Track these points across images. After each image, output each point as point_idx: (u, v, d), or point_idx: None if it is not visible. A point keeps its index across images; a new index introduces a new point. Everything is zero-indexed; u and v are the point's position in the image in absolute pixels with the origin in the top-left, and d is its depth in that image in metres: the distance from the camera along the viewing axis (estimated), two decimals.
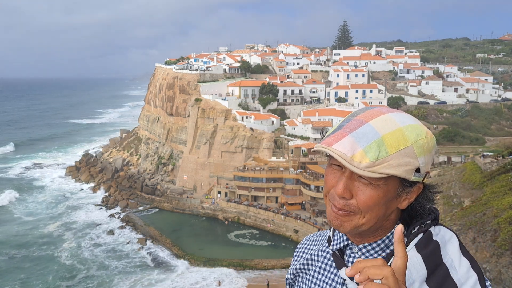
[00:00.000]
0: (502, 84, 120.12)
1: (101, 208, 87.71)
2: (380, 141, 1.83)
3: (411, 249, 1.90)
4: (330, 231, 2.29)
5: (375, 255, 2.04)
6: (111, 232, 74.49)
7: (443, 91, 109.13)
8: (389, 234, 2.05)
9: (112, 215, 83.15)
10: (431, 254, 1.89)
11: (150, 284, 57.17)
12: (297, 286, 2.42)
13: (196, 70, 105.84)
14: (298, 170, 79.26)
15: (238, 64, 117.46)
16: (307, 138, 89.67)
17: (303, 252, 2.47)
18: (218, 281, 57.00)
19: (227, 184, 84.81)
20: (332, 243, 2.21)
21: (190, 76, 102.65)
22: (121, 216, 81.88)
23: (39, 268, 61.15)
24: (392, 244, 1.97)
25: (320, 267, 2.29)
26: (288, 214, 74.14)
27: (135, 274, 59.97)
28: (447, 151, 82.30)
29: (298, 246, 2.57)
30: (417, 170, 1.89)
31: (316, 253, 2.36)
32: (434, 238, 1.93)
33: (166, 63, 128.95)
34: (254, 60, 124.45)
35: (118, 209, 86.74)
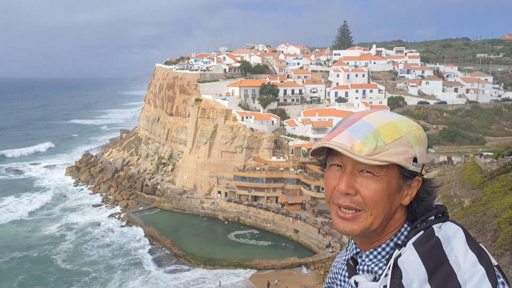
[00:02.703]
0: (502, 84, 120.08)
1: (101, 208, 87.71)
2: (376, 132, 1.91)
3: (409, 248, 1.86)
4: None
5: (382, 259, 2.03)
6: (111, 232, 74.47)
7: (443, 91, 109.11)
8: (394, 236, 2.05)
9: (112, 215, 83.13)
10: (430, 251, 1.79)
11: (150, 284, 57.15)
12: None
13: (196, 70, 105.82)
14: (298, 170, 79.23)
15: (238, 64, 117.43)
16: (307, 138, 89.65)
17: (334, 267, 2.48)
18: (219, 281, 56.98)
19: (227, 184, 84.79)
20: (346, 253, 2.24)
21: (190, 76, 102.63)
22: (121, 216, 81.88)
23: (39, 268, 61.13)
24: (396, 247, 1.96)
25: (340, 280, 2.31)
26: (288, 214, 74.13)
27: (135, 274, 59.97)
28: (447, 151, 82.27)
29: (334, 260, 2.59)
30: (414, 160, 1.95)
31: (340, 266, 2.39)
32: (436, 234, 1.86)
33: (166, 63, 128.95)
34: (254, 60, 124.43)
35: (118, 209, 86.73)
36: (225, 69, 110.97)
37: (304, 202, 76.57)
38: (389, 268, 1.89)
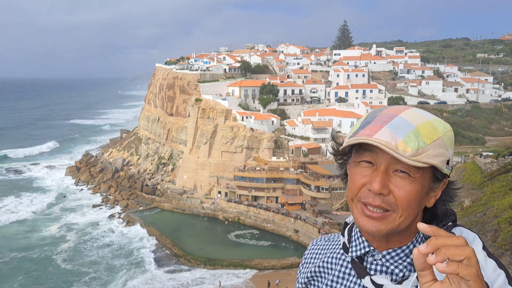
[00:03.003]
0: (502, 84, 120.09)
1: (101, 208, 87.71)
2: (416, 131, 1.82)
3: None
4: (344, 236, 2.21)
5: (400, 261, 1.98)
6: (111, 232, 74.49)
7: (443, 91, 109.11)
8: (414, 239, 1.99)
9: (112, 215, 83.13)
10: None
11: (150, 284, 57.15)
12: None
13: (196, 70, 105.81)
14: (298, 170, 79.23)
15: (238, 64, 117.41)
16: (307, 138, 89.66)
17: (313, 258, 2.37)
18: (219, 281, 56.99)
19: (227, 184, 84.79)
20: (350, 250, 2.12)
21: (190, 76, 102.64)
22: (121, 216, 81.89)
23: (39, 268, 61.14)
24: None
25: (337, 276, 2.19)
26: (288, 214, 74.13)
27: (135, 274, 59.97)
28: None
29: (306, 252, 2.48)
30: (447, 162, 1.90)
31: (329, 260, 2.26)
32: None
33: (166, 63, 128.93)
34: (254, 60, 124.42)
35: (118, 209, 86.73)
36: (225, 69, 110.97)
37: (304, 202, 76.56)
38: None
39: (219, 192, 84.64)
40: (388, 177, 1.87)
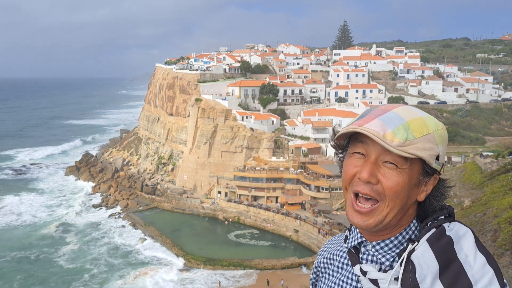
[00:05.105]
0: (502, 84, 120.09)
1: (101, 208, 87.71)
2: (406, 125, 1.94)
3: (423, 244, 1.91)
4: (347, 229, 2.33)
5: (389, 251, 2.06)
6: (111, 232, 74.46)
7: (443, 91, 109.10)
8: (403, 231, 2.08)
9: (112, 215, 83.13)
10: (443, 249, 1.87)
11: (150, 284, 57.15)
12: (318, 285, 2.46)
13: (196, 70, 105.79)
14: (298, 170, 79.24)
15: (238, 64, 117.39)
16: (307, 138, 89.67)
17: (324, 251, 2.50)
18: (219, 281, 56.99)
19: (227, 184, 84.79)
20: (347, 241, 2.25)
21: (190, 76, 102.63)
22: (121, 216, 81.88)
23: (39, 268, 61.17)
24: (406, 241, 2.02)
25: (337, 266, 2.33)
26: (288, 214, 74.13)
27: (135, 274, 59.93)
28: (447, 151, 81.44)
29: (322, 247, 2.61)
30: (437, 158, 2.00)
31: (335, 252, 2.40)
32: (447, 233, 1.93)
33: (166, 63, 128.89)
34: (254, 60, 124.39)
35: (118, 209, 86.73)
36: (225, 69, 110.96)
37: (304, 202, 76.57)
38: (402, 261, 1.92)
39: (219, 192, 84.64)
40: (378, 167, 1.97)
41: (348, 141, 2.12)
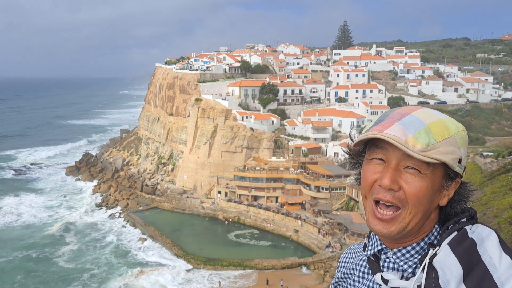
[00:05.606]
0: (502, 84, 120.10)
1: (101, 208, 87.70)
2: (427, 129, 1.87)
3: (444, 248, 1.84)
4: (366, 237, 2.27)
5: (411, 258, 2.00)
6: (111, 232, 74.45)
7: (443, 91, 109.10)
8: (425, 237, 2.01)
9: (112, 215, 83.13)
10: (466, 252, 1.79)
11: (150, 284, 57.14)
12: None
13: (196, 70, 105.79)
14: (298, 170, 79.23)
15: (238, 64, 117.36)
16: (307, 138, 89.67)
17: (345, 262, 2.44)
18: (219, 281, 56.98)
19: (227, 184, 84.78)
20: (367, 249, 2.18)
21: (190, 76, 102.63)
22: (121, 216, 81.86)
23: (39, 268, 61.17)
24: (431, 247, 1.93)
25: (358, 276, 2.27)
26: (288, 214, 74.11)
27: (135, 274, 59.93)
28: None
29: (341, 256, 2.55)
30: (459, 161, 1.93)
31: (357, 261, 2.33)
32: (470, 235, 1.86)
33: (166, 63, 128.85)
34: (254, 60, 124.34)
35: (118, 209, 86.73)
36: (225, 69, 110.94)
37: (304, 202, 76.56)
38: (423, 267, 1.85)
39: (219, 192, 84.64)
40: (399, 173, 1.89)
41: (364, 147, 2.05)
